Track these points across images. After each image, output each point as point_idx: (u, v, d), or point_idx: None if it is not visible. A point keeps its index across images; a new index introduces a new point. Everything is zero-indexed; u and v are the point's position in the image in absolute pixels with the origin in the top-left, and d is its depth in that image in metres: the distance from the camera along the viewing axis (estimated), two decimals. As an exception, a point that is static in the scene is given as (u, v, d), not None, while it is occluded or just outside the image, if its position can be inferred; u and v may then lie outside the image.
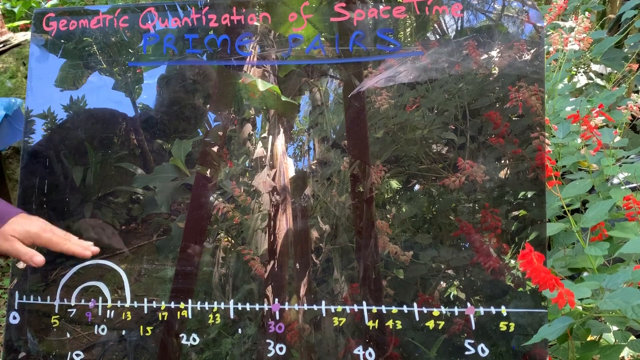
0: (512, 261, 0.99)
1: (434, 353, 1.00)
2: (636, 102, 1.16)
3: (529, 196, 1.01)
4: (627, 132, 1.78)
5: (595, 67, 2.16)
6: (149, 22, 1.17)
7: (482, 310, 0.99)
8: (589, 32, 1.61)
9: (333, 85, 1.12)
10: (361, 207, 1.07)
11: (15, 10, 4.57)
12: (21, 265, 1.15)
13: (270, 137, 1.13)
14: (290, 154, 1.12)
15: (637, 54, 1.82)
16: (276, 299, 1.07)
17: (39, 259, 0.96)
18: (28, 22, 4.39)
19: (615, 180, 1.17)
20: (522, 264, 0.75)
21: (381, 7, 1.08)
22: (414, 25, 1.10)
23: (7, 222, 0.97)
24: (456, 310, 1.00)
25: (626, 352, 1.13)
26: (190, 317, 1.09)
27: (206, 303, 1.09)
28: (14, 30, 3.91)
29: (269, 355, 1.05)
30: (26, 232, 0.97)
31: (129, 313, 1.12)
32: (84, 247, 1.01)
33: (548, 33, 1.87)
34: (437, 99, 1.07)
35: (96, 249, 1.02)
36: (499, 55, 1.04)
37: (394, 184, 1.07)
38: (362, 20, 1.09)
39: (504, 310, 0.98)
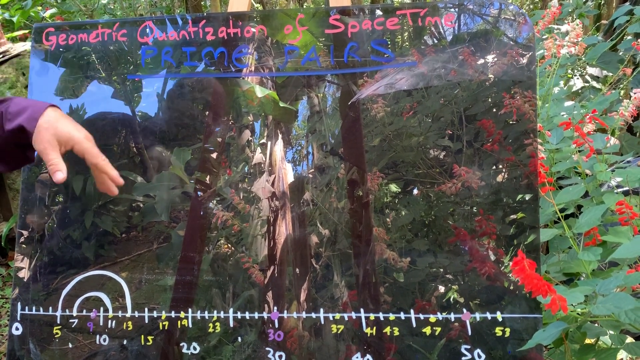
0: (509, 264, 1.01)
1: (433, 358, 1.01)
2: (627, 109, 1.18)
3: (523, 202, 1.03)
4: (624, 134, 1.80)
5: (591, 70, 2.18)
6: (147, 35, 1.19)
7: (477, 316, 1.00)
8: (583, 37, 1.62)
9: (331, 89, 1.14)
10: (359, 213, 1.08)
11: (14, 19, 4.58)
12: (22, 274, 1.17)
13: (269, 143, 1.14)
14: (289, 159, 1.13)
15: (631, 56, 1.84)
16: (275, 307, 1.08)
17: (61, 175, 0.79)
18: (27, 31, 4.39)
19: (610, 185, 1.18)
20: (515, 271, 0.76)
21: (375, 18, 1.10)
22: (409, 35, 1.11)
23: (40, 119, 0.81)
24: (452, 316, 1.01)
25: (624, 354, 1.14)
26: (190, 326, 1.10)
27: (206, 312, 1.10)
28: (13, 40, 3.92)
29: (269, 362, 1.07)
30: (55, 135, 0.81)
31: (129, 322, 1.13)
32: (115, 178, 0.86)
33: (543, 37, 1.89)
34: (433, 105, 1.08)
35: (120, 181, 0.88)
36: (493, 62, 1.06)
37: (393, 187, 1.09)
38: (357, 31, 1.10)
39: (499, 315, 0.99)
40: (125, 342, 1.12)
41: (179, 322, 1.11)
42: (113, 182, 0.87)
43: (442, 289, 1.04)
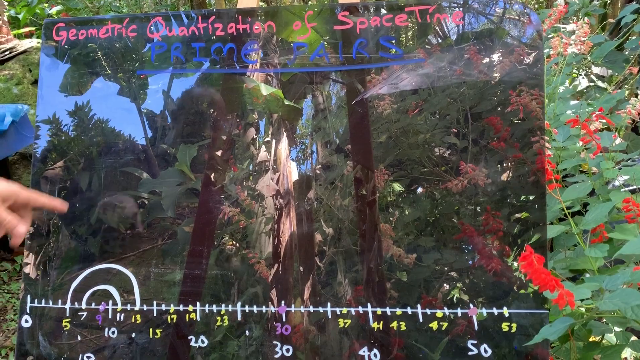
0: (515, 263, 1.01)
1: (438, 354, 1.01)
2: (634, 106, 1.18)
3: (529, 199, 1.03)
4: (629, 134, 1.79)
5: (596, 69, 2.17)
6: (156, 31, 1.19)
7: (484, 311, 1.01)
8: (589, 36, 1.63)
9: (336, 88, 1.14)
10: (364, 211, 1.08)
11: (20, 16, 4.60)
12: (28, 269, 1.17)
13: (274, 141, 1.15)
14: (294, 157, 1.14)
15: (638, 56, 1.84)
16: (282, 302, 1.09)
17: (23, 228, 0.78)
18: (33, 28, 4.42)
19: (616, 183, 1.18)
20: (523, 266, 0.76)
21: (383, 15, 1.10)
22: (416, 32, 1.11)
23: None
24: (459, 311, 1.02)
25: (629, 352, 1.14)
26: (198, 319, 1.11)
27: (214, 306, 1.11)
28: (19, 37, 3.94)
29: (276, 356, 1.07)
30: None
31: (138, 316, 1.14)
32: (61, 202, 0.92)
33: (549, 36, 1.89)
34: (439, 103, 1.08)
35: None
36: (500, 59, 1.06)
37: (397, 186, 1.09)
38: (365, 28, 1.11)
39: (505, 311, 1.00)
40: (133, 335, 1.13)
41: (187, 315, 1.12)
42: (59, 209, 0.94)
43: (448, 285, 1.04)
